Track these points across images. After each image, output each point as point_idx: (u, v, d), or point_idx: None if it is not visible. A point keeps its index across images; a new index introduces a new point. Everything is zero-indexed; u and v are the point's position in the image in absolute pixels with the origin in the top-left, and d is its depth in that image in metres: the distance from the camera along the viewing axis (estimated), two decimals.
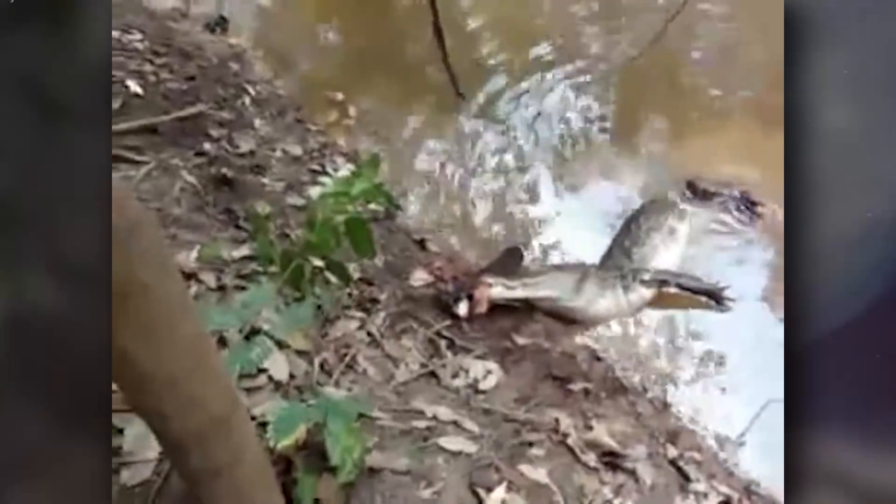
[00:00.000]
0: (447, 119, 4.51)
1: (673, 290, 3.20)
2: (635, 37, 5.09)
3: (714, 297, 3.19)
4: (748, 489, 2.52)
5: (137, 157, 2.83)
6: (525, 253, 3.42)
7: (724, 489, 2.41)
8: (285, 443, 1.46)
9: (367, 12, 5.24)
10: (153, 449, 1.61)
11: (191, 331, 1.05)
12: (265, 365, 1.90)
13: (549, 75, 4.93)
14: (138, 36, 3.78)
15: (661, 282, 3.19)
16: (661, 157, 4.34)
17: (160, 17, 4.36)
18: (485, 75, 4.87)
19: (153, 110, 3.21)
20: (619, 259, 3.34)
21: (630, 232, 3.46)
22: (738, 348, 3.11)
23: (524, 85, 4.86)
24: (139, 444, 1.59)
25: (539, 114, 4.66)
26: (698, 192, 3.83)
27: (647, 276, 3.17)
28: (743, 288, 3.29)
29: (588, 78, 4.90)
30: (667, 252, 3.42)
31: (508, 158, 4.28)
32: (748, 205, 3.78)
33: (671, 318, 3.29)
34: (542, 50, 5.10)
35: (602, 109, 4.70)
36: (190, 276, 2.31)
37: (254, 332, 1.83)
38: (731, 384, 3.02)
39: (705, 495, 2.35)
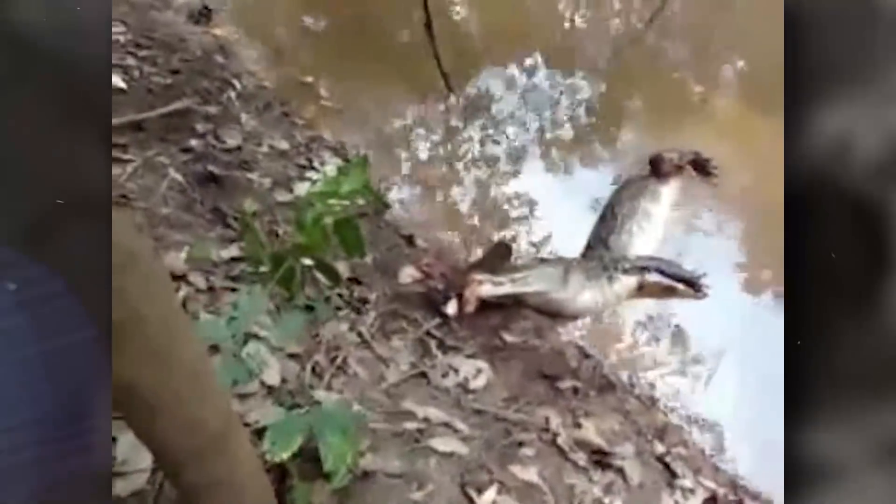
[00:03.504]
0: (434, 109, 4.51)
1: (654, 276, 3.21)
2: (622, 28, 5.11)
3: (692, 285, 3.21)
4: (734, 483, 2.56)
5: (123, 156, 2.80)
6: (513, 246, 3.43)
7: (710, 484, 2.45)
8: (284, 456, 1.46)
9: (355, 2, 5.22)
10: (147, 458, 1.61)
11: (190, 354, 1.05)
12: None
13: (535, 64, 4.96)
14: (121, 28, 3.73)
15: (642, 269, 3.19)
16: (644, 144, 4.36)
17: (142, 7, 4.30)
18: (471, 65, 4.88)
19: (138, 106, 3.17)
20: (598, 250, 3.32)
21: (606, 221, 3.45)
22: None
23: (510, 74, 4.89)
24: (133, 453, 1.59)
25: (526, 103, 4.69)
26: (663, 168, 3.73)
27: (627, 265, 3.17)
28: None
29: (575, 69, 4.93)
30: (644, 237, 3.39)
31: (495, 148, 4.30)
32: (703, 164, 3.74)
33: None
34: (529, 40, 5.12)
35: (588, 100, 4.72)
36: (179, 277, 2.30)
37: (246, 335, 1.83)
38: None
39: (692, 491, 2.39)
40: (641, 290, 3.24)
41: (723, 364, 3.18)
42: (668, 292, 3.25)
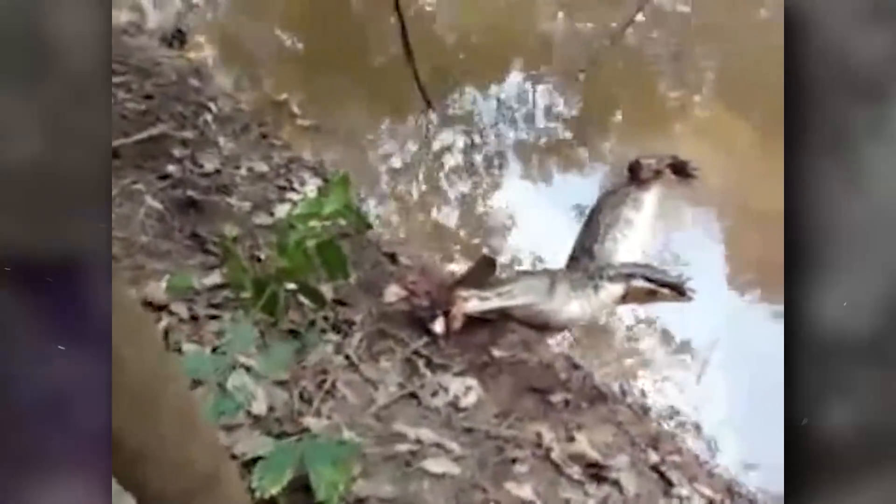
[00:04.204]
0: (412, 123, 4.50)
1: (640, 282, 3.20)
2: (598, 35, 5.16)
3: (677, 289, 3.20)
4: (730, 489, 2.55)
5: None
6: (497, 259, 3.41)
7: (706, 492, 2.43)
8: (273, 492, 1.43)
9: (329, 20, 5.22)
10: (132, 500, 1.57)
11: (174, 394, 1.02)
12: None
13: (514, 75, 4.99)
14: None
15: (627, 275, 3.17)
16: (625, 153, 4.38)
17: (114, 32, 4.26)
18: (449, 76, 4.89)
19: (113, 133, 3.13)
20: (582, 260, 3.31)
21: (589, 231, 3.43)
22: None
23: (488, 85, 4.91)
24: (117, 499, 1.54)
25: (504, 113, 4.70)
26: (642, 174, 3.68)
27: (612, 272, 3.15)
28: None
29: (553, 77, 4.96)
30: (627, 244, 3.39)
31: (475, 159, 4.30)
32: (682, 167, 3.74)
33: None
34: (507, 50, 5.15)
35: (567, 109, 4.75)
36: (160, 308, 2.26)
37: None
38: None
39: (689, 499, 2.37)
40: (626, 297, 3.24)
41: (712, 366, 3.20)
42: (653, 296, 3.24)
